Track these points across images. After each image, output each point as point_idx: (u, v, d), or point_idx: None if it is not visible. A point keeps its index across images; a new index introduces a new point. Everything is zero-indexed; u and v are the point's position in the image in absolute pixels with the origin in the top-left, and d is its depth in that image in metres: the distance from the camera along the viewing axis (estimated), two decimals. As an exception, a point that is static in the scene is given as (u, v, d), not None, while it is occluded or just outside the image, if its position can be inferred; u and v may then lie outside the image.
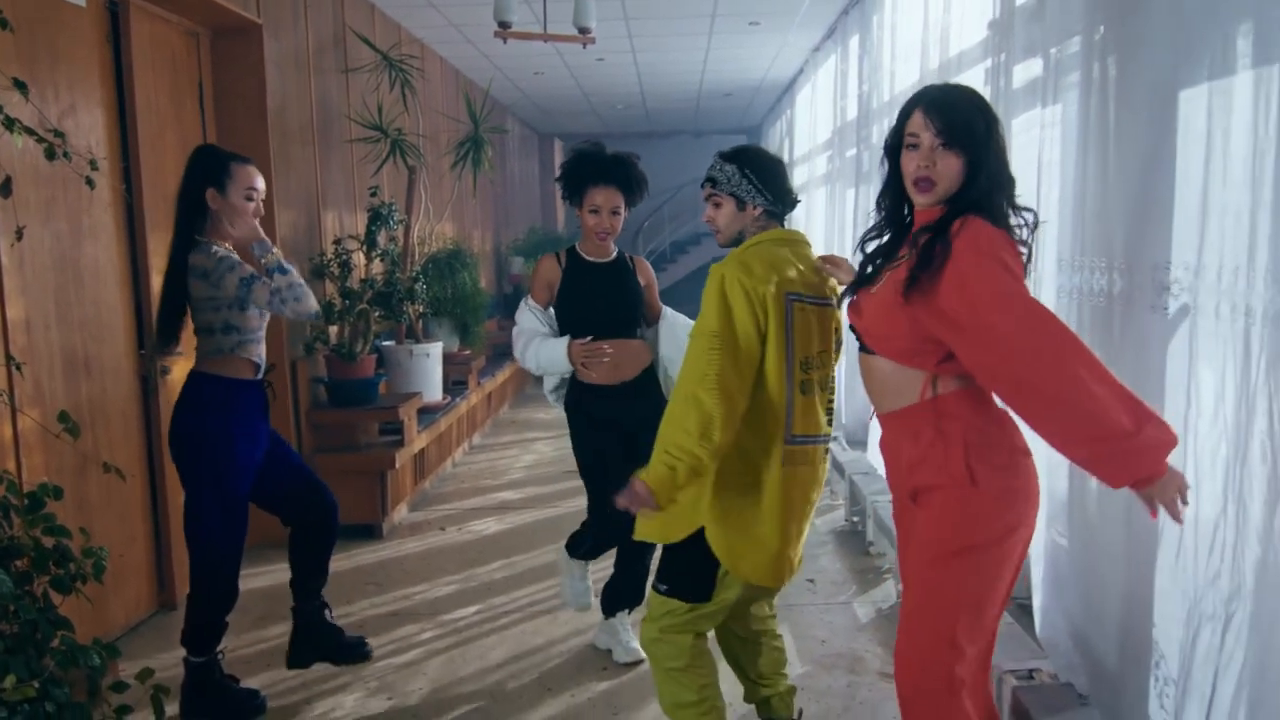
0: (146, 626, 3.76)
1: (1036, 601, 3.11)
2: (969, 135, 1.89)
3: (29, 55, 3.16)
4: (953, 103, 1.94)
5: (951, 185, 1.93)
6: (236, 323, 2.98)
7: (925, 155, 1.91)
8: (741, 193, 2.47)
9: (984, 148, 1.91)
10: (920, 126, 1.92)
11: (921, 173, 1.92)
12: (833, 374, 2.50)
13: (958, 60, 4.26)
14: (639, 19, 6.87)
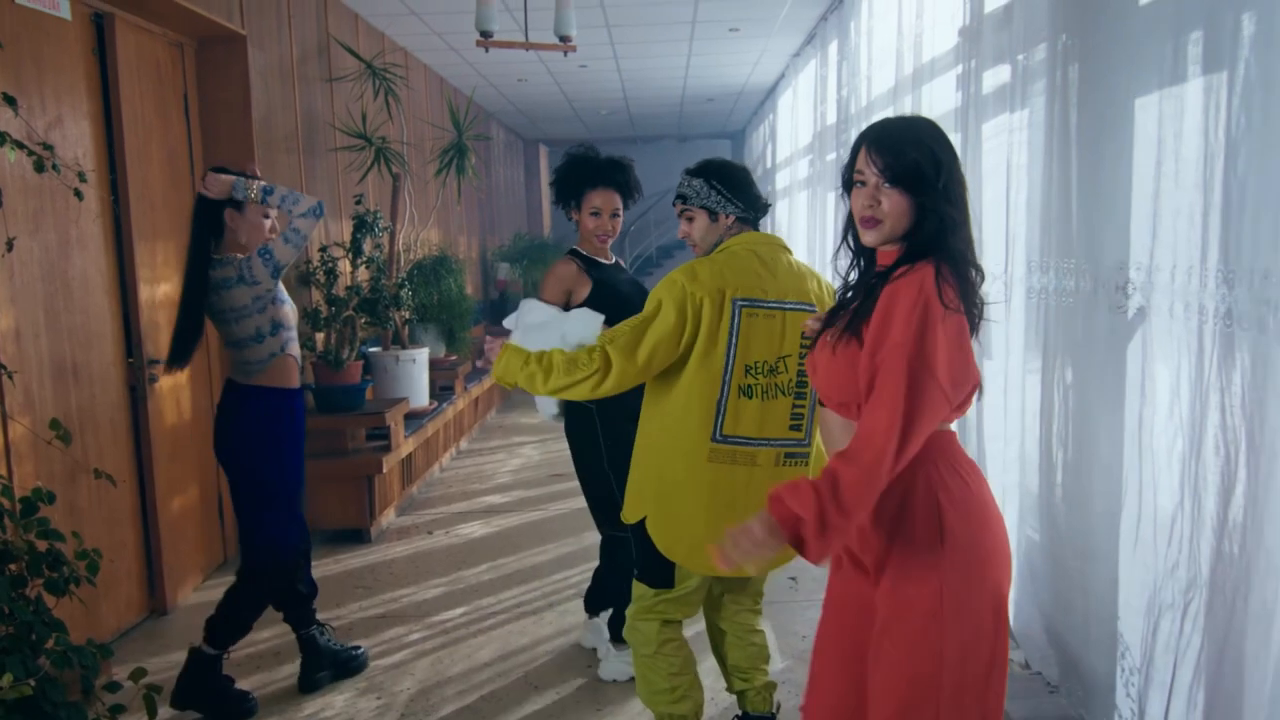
0: (137, 631, 3.80)
1: (1011, 595, 3.18)
2: (915, 175, 1.78)
3: (15, 68, 3.21)
4: (899, 140, 1.82)
5: (898, 224, 1.81)
6: (280, 319, 3.11)
7: (870, 194, 1.81)
8: (712, 204, 2.56)
9: (931, 188, 1.78)
10: (865, 163, 1.83)
11: (865, 212, 1.82)
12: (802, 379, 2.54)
13: (931, 66, 4.34)
14: (620, 26, 6.94)
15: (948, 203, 1.79)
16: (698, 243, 2.59)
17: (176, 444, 4.15)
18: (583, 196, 3.24)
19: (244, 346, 3.08)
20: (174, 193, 4.23)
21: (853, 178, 1.85)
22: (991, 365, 3.70)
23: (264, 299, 3.06)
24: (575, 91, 9.86)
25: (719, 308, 2.37)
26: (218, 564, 4.51)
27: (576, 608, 3.89)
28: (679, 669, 2.60)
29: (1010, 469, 3.22)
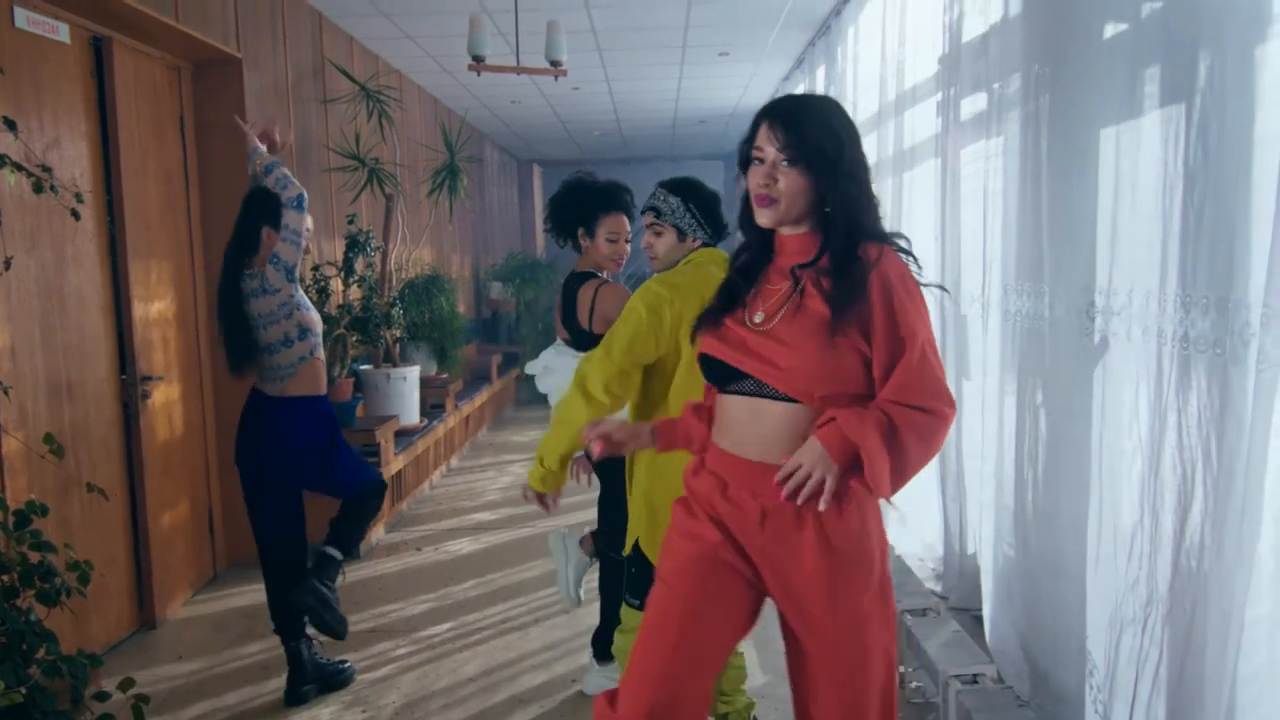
0: (126, 645, 3.84)
1: (986, 610, 3.25)
2: (815, 153, 1.75)
3: (14, 90, 3.28)
4: (800, 116, 1.78)
5: (794, 204, 1.78)
6: (306, 324, 3.28)
7: (766, 172, 1.77)
8: (684, 225, 2.64)
9: (831, 167, 1.75)
10: (765, 140, 1.78)
11: (760, 190, 1.78)
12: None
13: (913, 92, 4.44)
14: (611, 50, 7.04)
15: (850, 181, 1.76)
16: (659, 257, 2.67)
17: (168, 460, 4.20)
18: (598, 221, 3.22)
19: (274, 351, 3.24)
20: (169, 213, 4.30)
21: (750, 155, 1.81)
22: (970, 385, 3.78)
23: (288, 305, 3.24)
24: (568, 113, 9.97)
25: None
26: (207, 579, 4.55)
27: (563, 623, 3.94)
28: None
29: (987, 485, 3.28)
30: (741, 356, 1.81)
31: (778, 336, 1.78)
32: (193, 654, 3.75)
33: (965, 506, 3.82)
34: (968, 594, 3.81)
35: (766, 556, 1.81)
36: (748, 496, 1.81)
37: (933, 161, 4.13)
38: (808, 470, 1.71)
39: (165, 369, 4.20)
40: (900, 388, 1.72)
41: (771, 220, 1.81)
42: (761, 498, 1.79)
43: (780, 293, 1.83)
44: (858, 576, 1.80)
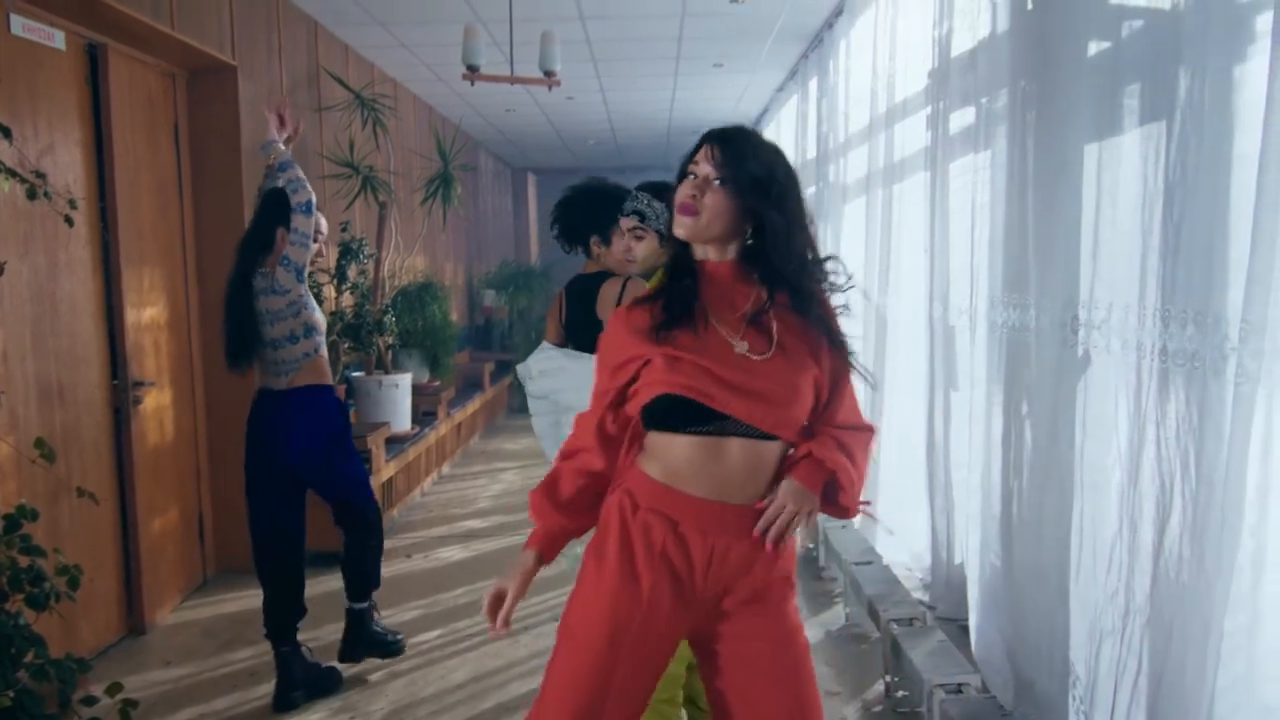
0: (116, 650, 3.84)
1: (973, 620, 3.27)
2: (748, 178, 1.75)
3: (9, 96, 3.30)
4: (741, 143, 1.80)
5: (714, 222, 1.77)
6: (312, 324, 3.36)
7: (697, 185, 1.78)
8: (666, 230, 2.62)
9: (761, 194, 1.76)
10: (703, 158, 1.80)
11: (686, 198, 1.78)
12: None
13: (903, 106, 4.48)
14: (606, 61, 7.08)
15: (778, 212, 1.76)
16: (639, 261, 2.64)
17: (158, 465, 4.21)
18: (615, 225, 3.03)
19: (279, 347, 3.31)
20: (162, 220, 4.32)
21: (686, 169, 1.82)
22: (958, 396, 3.81)
23: (296, 304, 3.33)
24: (563, 122, 10.00)
25: None
26: (197, 585, 4.55)
27: (550, 631, 3.93)
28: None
29: (974, 496, 3.31)
30: (729, 398, 1.73)
31: (767, 375, 1.74)
32: (181, 659, 3.76)
33: (953, 516, 3.85)
34: (955, 603, 3.83)
35: (711, 591, 1.79)
36: (697, 535, 1.76)
37: (922, 174, 4.17)
38: (793, 510, 1.74)
39: (157, 374, 4.22)
40: (846, 413, 1.82)
41: (688, 231, 1.80)
42: (713, 537, 1.75)
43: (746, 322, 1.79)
44: (789, 590, 1.85)
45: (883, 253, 4.75)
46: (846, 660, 3.59)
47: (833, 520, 4.43)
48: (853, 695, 3.36)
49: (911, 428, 4.30)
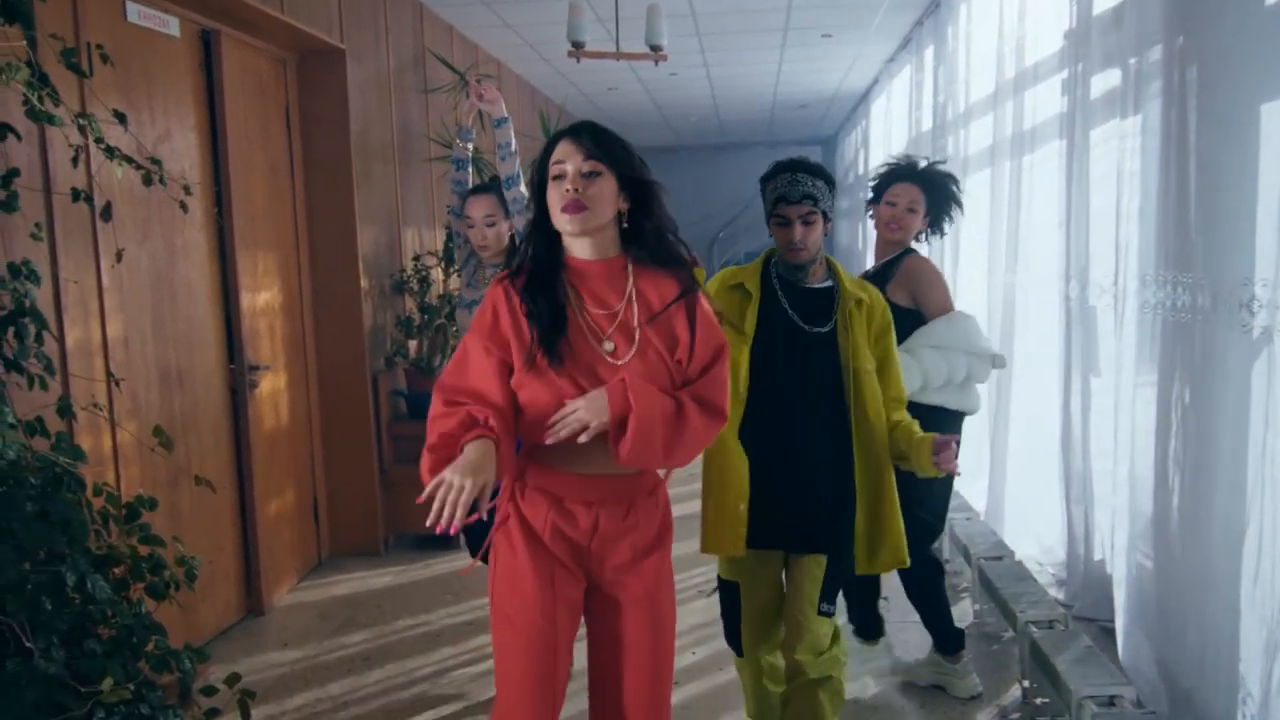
0: (235, 631, 3.89)
1: (1119, 624, 3.04)
2: (622, 164, 1.86)
3: (126, 84, 3.32)
4: (602, 132, 1.90)
5: (603, 211, 1.86)
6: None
7: (573, 180, 1.84)
8: (830, 211, 2.43)
9: (634, 178, 1.88)
10: (567, 154, 1.86)
11: (569, 196, 1.83)
12: None
13: (1034, 71, 4.20)
14: (711, 34, 6.90)
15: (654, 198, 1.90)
16: (810, 248, 2.38)
17: (274, 448, 4.25)
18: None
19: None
20: (275, 204, 4.34)
21: (548, 174, 1.87)
22: (1099, 382, 3.55)
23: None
24: (665, 99, 9.86)
25: None
26: (312, 565, 4.60)
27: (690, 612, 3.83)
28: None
29: (1120, 490, 3.07)
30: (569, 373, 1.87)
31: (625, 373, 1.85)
32: (298, 641, 3.79)
33: (1092, 511, 3.60)
34: (1094, 603, 3.59)
35: (595, 557, 1.95)
36: (581, 507, 1.93)
37: (1057, 143, 3.89)
38: (579, 417, 1.81)
39: (272, 358, 4.25)
40: (706, 385, 1.90)
41: (580, 227, 1.84)
42: (596, 507, 1.93)
43: (616, 322, 1.89)
44: (664, 562, 2.02)
45: (1010, 228, 4.48)
46: (977, 661, 3.39)
47: (957, 511, 4.21)
48: (986, 699, 3.16)
49: (1043, 414, 4.04)
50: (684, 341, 1.90)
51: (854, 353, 2.38)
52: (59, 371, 2.91)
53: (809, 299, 2.45)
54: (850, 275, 2.51)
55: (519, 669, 1.94)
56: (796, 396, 2.42)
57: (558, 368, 1.84)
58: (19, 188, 2.64)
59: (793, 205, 2.36)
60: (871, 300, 2.45)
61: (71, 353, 2.98)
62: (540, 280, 1.90)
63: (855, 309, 2.41)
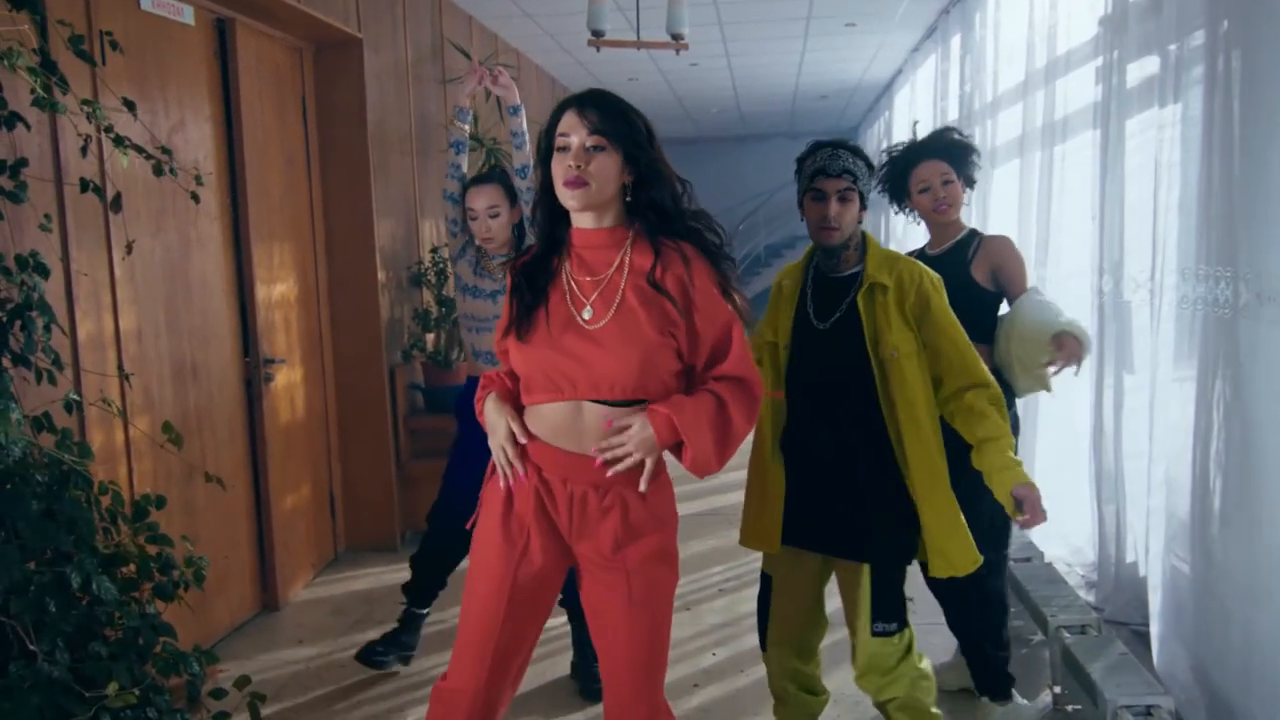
0: (250, 627, 3.85)
1: (1154, 630, 2.95)
2: (627, 137, 1.82)
3: (139, 73, 3.27)
4: (608, 102, 1.85)
5: (606, 187, 1.83)
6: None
7: (576, 154, 1.81)
8: (866, 194, 2.33)
9: (641, 151, 1.84)
10: (572, 126, 1.83)
11: (571, 173, 1.81)
12: None
13: (1066, 59, 4.09)
14: (733, 24, 6.80)
15: (660, 166, 1.85)
16: (843, 228, 2.27)
17: (290, 442, 4.20)
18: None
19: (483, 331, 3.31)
20: (291, 195, 4.29)
21: (554, 144, 1.84)
22: (1133, 379, 3.45)
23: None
24: (686, 90, 9.77)
25: None
26: (328, 560, 4.56)
27: (683, 620, 3.78)
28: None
29: (1156, 491, 2.97)
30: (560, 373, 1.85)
31: (599, 340, 1.83)
32: (313, 638, 3.74)
33: (1124, 511, 3.50)
34: (1125, 606, 3.50)
35: (575, 533, 1.92)
36: (559, 483, 1.90)
37: (1090, 133, 3.78)
38: (629, 449, 1.81)
39: (287, 352, 4.20)
40: (733, 363, 1.88)
41: (582, 203, 1.83)
42: (572, 485, 1.89)
43: (600, 289, 1.86)
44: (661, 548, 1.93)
45: (1040, 220, 4.37)
46: (1004, 664, 3.30)
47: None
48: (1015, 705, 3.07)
49: (1073, 412, 3.94)
50: (675, 317, 1.85)
51: (874, 341, 2.24)
52: (70, 365, 2.87)
53: (831, 289, 2.33)
54: (886, 252, 2.34)
55: (463, 634, 1.97)
56: (822, 394, 2.32)
57: (529, 336, 1.87)
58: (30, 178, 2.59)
59: (831, 179, 2.26)
60: (901, 279, 2.26)
61: (83, 346, 2.93)
62: (539, 254, 1.93)
63: (871, 294, 2.26)
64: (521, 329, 1.88)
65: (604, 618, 1.95)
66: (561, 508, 1.91)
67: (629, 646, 1.91)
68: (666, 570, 1.95)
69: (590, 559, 1.93)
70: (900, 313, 2.25)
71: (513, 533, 1.93)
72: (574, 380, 1.84)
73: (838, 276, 2.34)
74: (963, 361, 2.25)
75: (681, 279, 1.85)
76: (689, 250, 1.87)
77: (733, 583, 4.18)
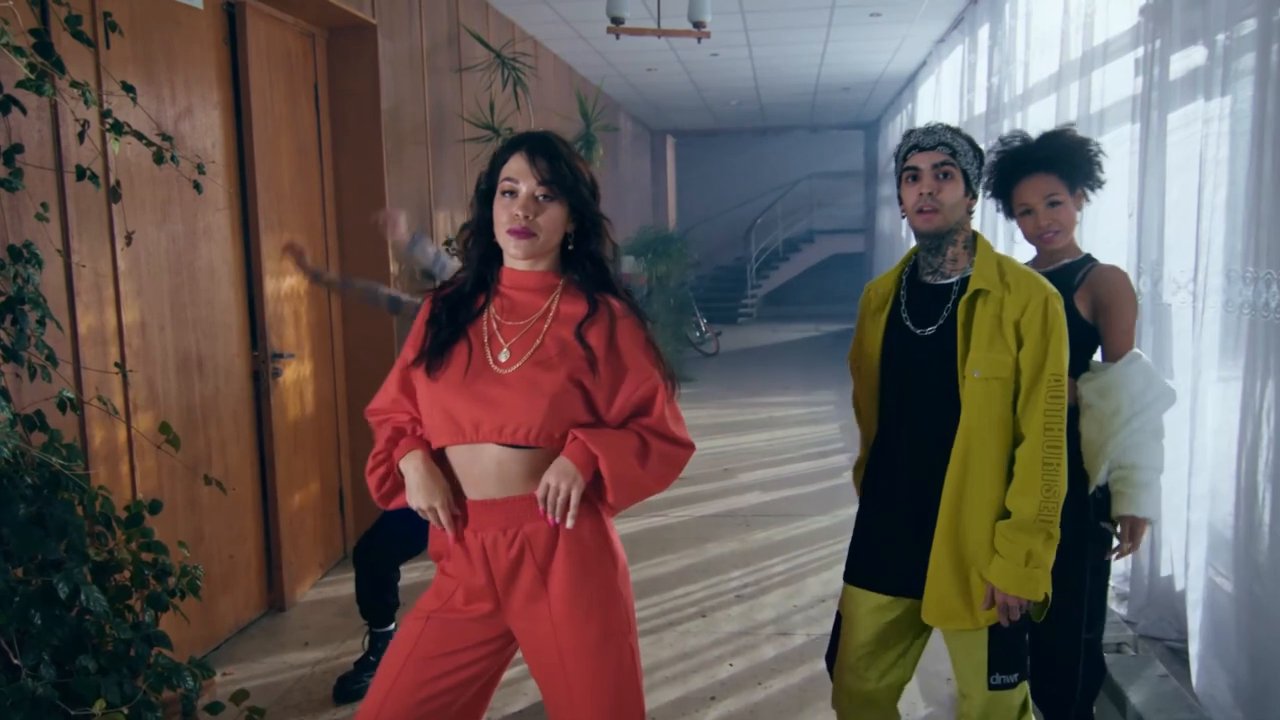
0: (256, 628, 3.77)
1: (1194, 649, 2.81)
2: (574, 190, 1.77)
3: (145, 58, 3.17)
4: (558, 151, 1.78)
5: (551, 239, 1.78)
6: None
7: (525, 204, 1.75)
8: (971, 174, 2.00)
9: (586, 204, 1.80)
10: (520, 172, 1.76)
11: (520, 223, 1.75)
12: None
13: (1103, 50, 3.93)
14: (755, 13, 6.67)
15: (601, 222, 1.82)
16: (943, 209, 1.96)
17: (298, 438, 4.11)
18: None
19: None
20: (301, 183, 4.19)
21: (497, 184, 1.78)
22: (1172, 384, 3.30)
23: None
24: (706, 81, 9.62)
25: None
26: (337, 559, 4.47)
27: (699, 628, 3.67)
28: None
29: (1198, 505, 2.84)
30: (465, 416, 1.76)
31: (509, 383, 1.76)
32: (319, 641, 3.65)
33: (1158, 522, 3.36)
34: (1158, 620, 3.36)
35: (498, 583, 1.80)
36: (470, 534, 1.80)
37: (1128, 127, 3.64)
38: (560, 486, 1.73)
39: (296, 345, 4.11)
40: (658, 421, 1.81)
41: (527, 253, 1.78)
42: (480, 533, 1.79)
43: (521, 333, 1.79)
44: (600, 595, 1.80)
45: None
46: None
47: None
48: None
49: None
50: (604, 375, 1.78)
51: (962, 354, 1.94)
52: (70, 361, 2.78)
53: (931, 295, 2.03)
54: (1004, 258, 2.00)
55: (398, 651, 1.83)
56: (905, 416, 2.05)
57: (439, 374, 1.78)
58: (29, 166, 2.50)
59: (925, 152, 1.97)
60: (1012, 287, 1.93)
61: (84, 340, 2.84)
62: (466, 290, 1.85)
63: (973, 301, 1.94)
64: (432, 365, 1.79)
65: (549, 678, 1.81)
66: (475, 557, 1.79)
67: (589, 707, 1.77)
68: (608, 609, 1.80)
69: (519, 614, 1.81)
70: (999, 329, 1.93)
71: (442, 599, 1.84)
72: (478, 423, 1.75)
73: (940, 283, 2.03)
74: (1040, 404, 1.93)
75: (608, 334, 1.80)
76: (618, 307, 1.82)
77: (751, 589, 4.07)
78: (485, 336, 1.80)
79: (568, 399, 1.76)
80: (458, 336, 1.80)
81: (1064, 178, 2.44)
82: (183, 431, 3.34)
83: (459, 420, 1.76)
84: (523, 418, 1.74)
